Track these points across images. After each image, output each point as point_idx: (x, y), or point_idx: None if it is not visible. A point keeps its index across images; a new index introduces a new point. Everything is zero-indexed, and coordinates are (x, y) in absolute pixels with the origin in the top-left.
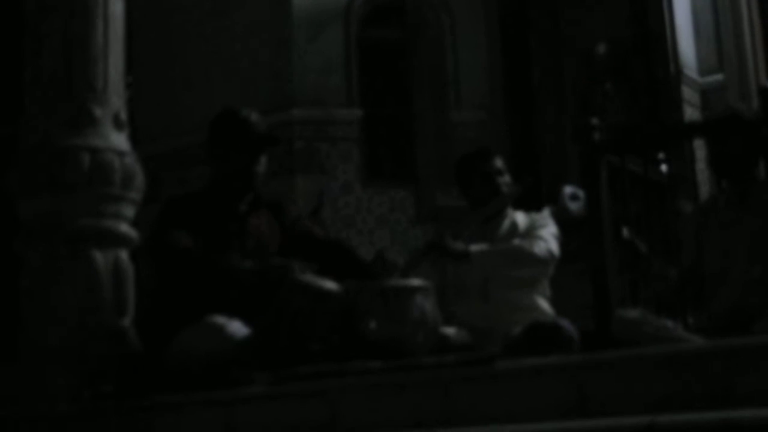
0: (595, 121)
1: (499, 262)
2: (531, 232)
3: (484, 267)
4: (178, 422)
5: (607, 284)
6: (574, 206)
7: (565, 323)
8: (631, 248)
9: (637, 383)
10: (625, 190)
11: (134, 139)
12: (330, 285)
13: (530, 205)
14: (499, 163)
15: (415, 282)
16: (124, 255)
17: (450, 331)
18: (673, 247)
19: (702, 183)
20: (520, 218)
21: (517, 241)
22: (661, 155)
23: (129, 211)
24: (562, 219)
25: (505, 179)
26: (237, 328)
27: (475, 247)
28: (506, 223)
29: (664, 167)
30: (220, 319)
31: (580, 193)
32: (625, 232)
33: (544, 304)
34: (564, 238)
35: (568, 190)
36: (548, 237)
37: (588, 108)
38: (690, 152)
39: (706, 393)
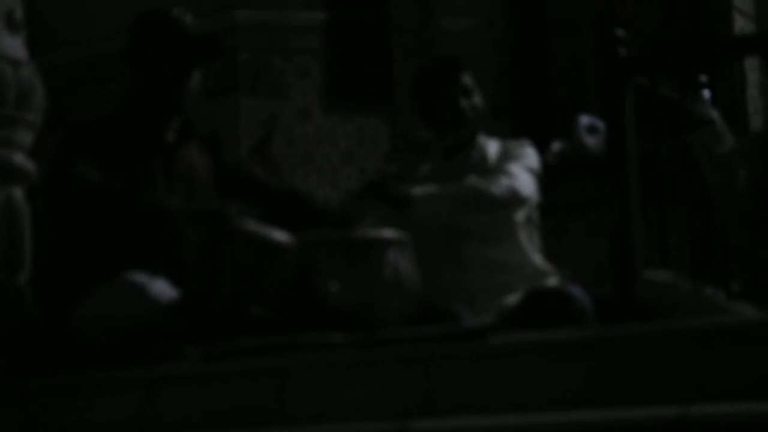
0: (620, 32)
1: (449, 207)
2: (499, 166)
3: (432, 215)
4: (86, 407)
5: (632, 241)
6: (591, 141)
7: (575, 290)
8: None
9: (666, 365)
10: (657, 121)
11: (33, 46)
12: (280, 236)
13: (536, 138)
14: (467, 79)
15: (387, 233)
16: (18, 194)
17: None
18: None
19: (754, 113)
20: (492, 149)
21: (473, 179)
22: (703, 78)
23: (25, 137)
24: (577, 157)
25: (474, 101)
26: (161, 289)
27: (419, 191)
28: (475, 156)
29: (706, 93)
30: (140, 278)
31: (600, 125)
32: None
33: (536, 260)
34: (578, 181)
35: (585, 120)
36: (517, 172)
37: (612, 15)
38: (740, 75)
39: (752, 378)
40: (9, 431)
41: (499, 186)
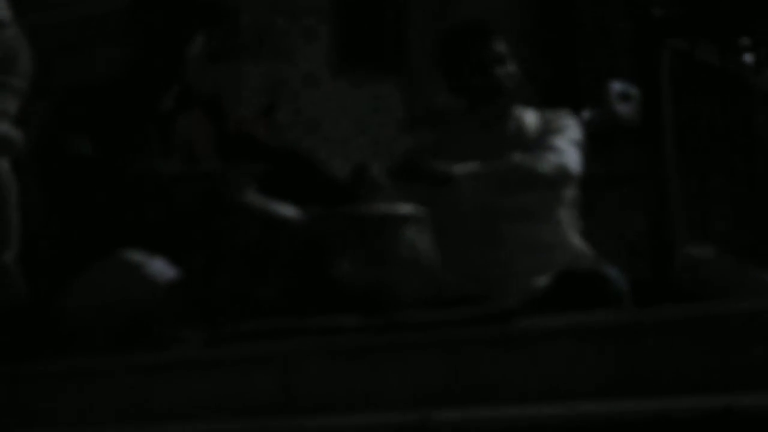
0: None
1: (492, 186)
2: (541, 140)
3: (473, 193)
4: (78, 396)
5: (669, 216)
6: (624, 109)
7: (610, 270)
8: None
9: (708, 351)
10: (695, 87)
11: (17, 6)
12: (287, 210)
13: (564, 106)
14: (500, 45)
15: (404, 208)
16: (4, 165)
17: (453, 276)
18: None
19: None
20: (531, 119)
21: (517, 156)
22: (744, 40)
23: (10, 104)
24: (609, 126)
25: (509, 69)
26: (159, 268)
27: (459, 168)
28: (511, 128)
29: (748, 57)
30: (136, 256)
31: (633, 92)
32: None
33: (575, 241)
34: (609, 152)
35: (617, 87)
36: (564, 147)
37: None
38: None
39: None
40: None
41: (546, 163)
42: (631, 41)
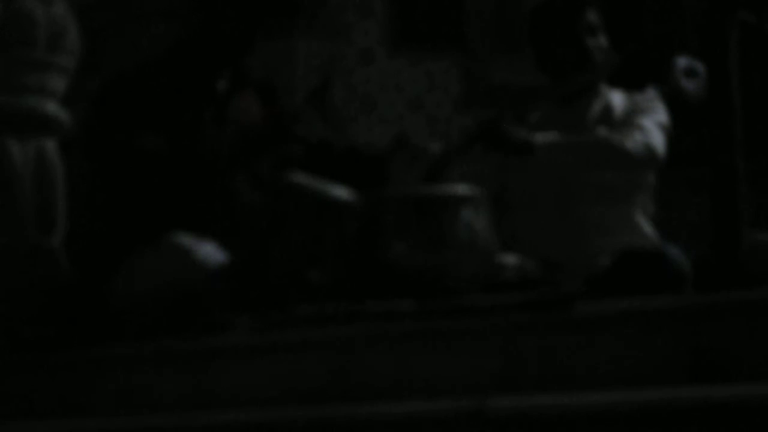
0: None
1: (575, 159)
2: (628, 119)
3: (554, 165)
4: (128, 382)
5: (736, 197)
6: (690, 86)
7: (673, 251)
8: None
9: None
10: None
11: None
12: (340, 192)
13: (627, 83)
14: (593, 16)
15: (461, 189)
16: (51, 146)
17: (510, 259)
18: None
19: None
20: (617, 100)
21: (603, 131)
22: None
23: (58, 83)
24: (673, 104)
25: (601, 41)
26: (209, 252)
27: (542, 137)
28: (597, 106)
29: None
30: (186, 240)
31: (699, 68)
32: None
33: (644, 225)
34: (675, 131)
35: (683, 62)
36: (650, 127)
37: None
38: None
39: None
40: (39, 409)
41: (634, 141)
42: (697, 14)
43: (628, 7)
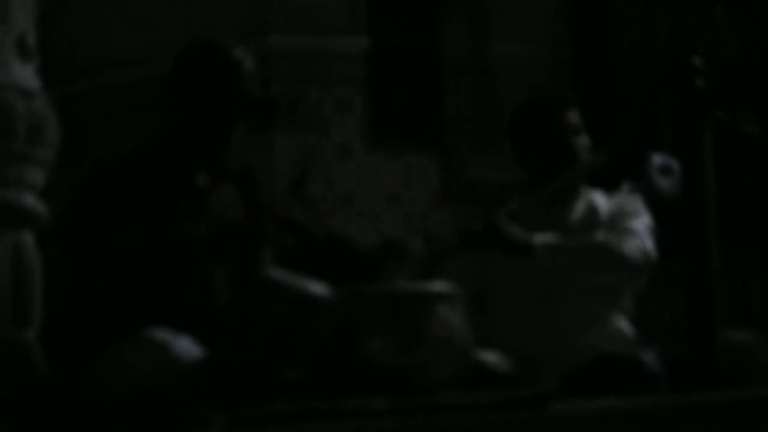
0: (697, 60)
1: (576, 262)
2: (618, 223)
3: (553, 267)
4: None
5: (711, 295)
6: (664, 183)
7: (647, 355)
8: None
9: None
10: (739, 160)
11: (46, 75)
12: (317, 288)
13: (601, 180)
14: (575, 117)
15: (437, 285)
16: (27, 239)
17: (487, 357)
18: None
19: None
20: (601, 201)
21: (600, 235)
22: None
23: (36, 176)
24: (649, 200)
25: (584, 141)
26: (185, 347)
27: (541, 238)
28: (581, 207)
29: None
30: (162, 335)
31: (674, 165)
32: None
33: (623, 326)
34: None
35: (658, 160)
36: (642, 231)
37: (687, 41)
38: None
39: None
40: None
41: (631, 247)
42: (672, 113)
43: (604, 106)
